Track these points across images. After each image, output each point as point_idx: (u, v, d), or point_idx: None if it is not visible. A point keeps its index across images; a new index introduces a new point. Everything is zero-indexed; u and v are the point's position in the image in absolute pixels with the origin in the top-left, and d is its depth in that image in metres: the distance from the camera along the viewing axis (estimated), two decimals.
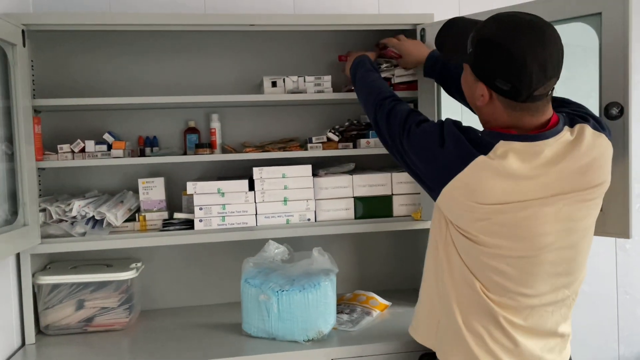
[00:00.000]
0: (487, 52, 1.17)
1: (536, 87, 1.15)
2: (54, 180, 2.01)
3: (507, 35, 1.14)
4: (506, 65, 1.14)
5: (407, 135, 1.30)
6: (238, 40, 2.10)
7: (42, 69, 1.96)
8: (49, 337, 1.83)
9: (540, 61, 1.13)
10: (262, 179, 1.91)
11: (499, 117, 1.22)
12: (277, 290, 1.68)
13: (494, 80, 1.17)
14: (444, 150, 1.21)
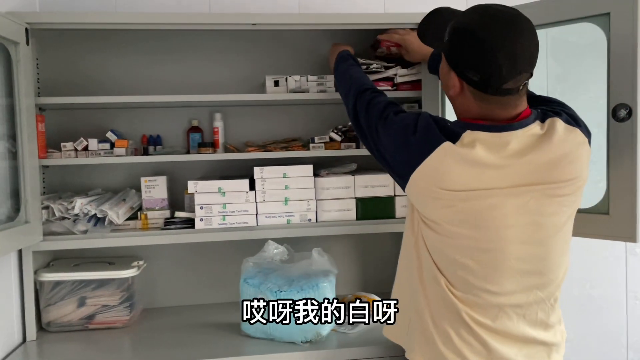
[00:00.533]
0: (460, 42, 1.18)
1: (505, 80, 1.14)
2: (58, 178, 2.03)
3: (480, 26, 1.15)
4: (477, 55, 1.15)
5: (383, 122, 1.31)
6: (242, 40, 2.10)
7: (48, 68, 1.98)
8: (50, 333, 1.84)
9: (511, 54, 1.12)
10: (262, 179, 1.91)
11: (470, 108, 1.23)
12: (276, 291, 1.68)
13: (465, 71, 1.18)
14: (415, 136, 1.22)
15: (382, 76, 1.95)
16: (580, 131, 1.22)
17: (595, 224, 1.44)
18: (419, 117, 1.26)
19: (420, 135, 1.21)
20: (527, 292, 1.24)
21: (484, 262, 1.21)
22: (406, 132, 1.24)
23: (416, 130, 1.23)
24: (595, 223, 1.44)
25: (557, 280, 1.27)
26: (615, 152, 1.41)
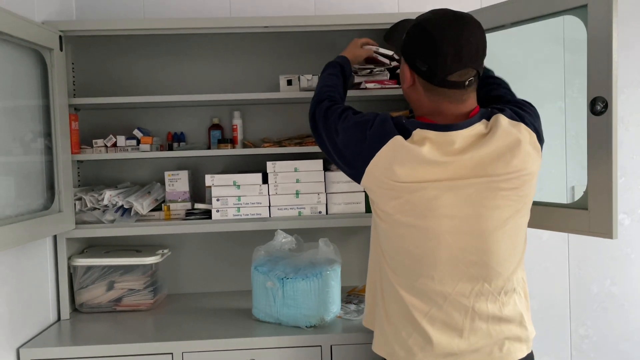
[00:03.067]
0: (414, 35, 1.28)
1: (451, 71, 1.22)
2: (92, 172, 2.21)
3: (432, 21, 1.24)
4: (425, 46, 1.24)
5: (343, 121, 1.37)
6: (259, 41, 2.21)
7: (83, 71, 2.16)
8: (82, 314, 2.02)
9: (456, 46, 1.21)
10: (275, 173, 2.01)
11: (422, 102, 1.31)
12: (282, 278, 1.78)
13: (415, 61, 1.27)
14: (371, 130, 1.28)
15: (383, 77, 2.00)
16: (524, 126, 1.25)
17: (576, 220, 1.43)
18: (377, 115, 1.32)
19: (376, 129, 1.28)
20: (473, 283, 1.26)
21: (428, 250, 1.26)
22: (364, 127, 1.30)
23: (372, 125, 1.29)
24: (576, 219, 1.43)
25: (507, 274, 1.28)
26: (593, 147, 1.40)
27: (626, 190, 2.29)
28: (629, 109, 2.28)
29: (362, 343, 1.71)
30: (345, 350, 1.72)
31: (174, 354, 1.70)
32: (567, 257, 2.30)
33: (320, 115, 1.46)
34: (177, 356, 1.70)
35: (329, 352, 1.72)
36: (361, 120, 1.33)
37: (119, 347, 1.72)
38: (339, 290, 1.85)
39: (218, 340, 1.72)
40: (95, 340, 1.76)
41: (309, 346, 1.72)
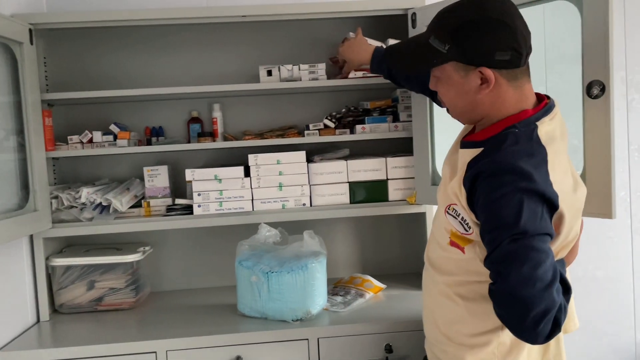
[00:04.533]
0: (474, 33, 1.11)
1: (530, 44, 1.14)
2: (68, 169, 2.15)
3: (483, 9, 1.11)
4: (499, 33, 1.10)
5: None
6: (238, 32, 2.17)
7: (56, 65, 2.10)
8: (62, 315, 1.97)
9: (520, 17, 1.13)
10: (257, 166, 1.98)
11: (506, 98, 1.16)
12: (267, 272, 1.75)
13: (494, 56, 1.11)
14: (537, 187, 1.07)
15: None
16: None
17: None
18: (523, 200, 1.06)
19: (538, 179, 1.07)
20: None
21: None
22: (538, 211, 1.07)
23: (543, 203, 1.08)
24: None
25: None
26: (590, 130, 1.40)
27: None
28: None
29: (349, 335, 1.69)
30: (333, 343, 1.70)
31: (158, 352, 1.67)
32: None
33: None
34: (161, 355, 1.67)
35: (316, 345, 1.70)
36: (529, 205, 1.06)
37: (101, 347, 1.68)
38: (325, 283, 1.83)
39: (203, 338, 1.69)
40: (76, 341, 1.71)
41: (296, 340, 1.69)
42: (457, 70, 1.16)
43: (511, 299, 1.04)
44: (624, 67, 2.27)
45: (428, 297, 1.36)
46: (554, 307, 1.03)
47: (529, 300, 1.02)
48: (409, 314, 1.75)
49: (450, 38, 1.13)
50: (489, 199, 1.07)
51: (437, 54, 1.15)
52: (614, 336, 2.36)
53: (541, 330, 1.03)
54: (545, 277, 1.03)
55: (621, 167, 2.31)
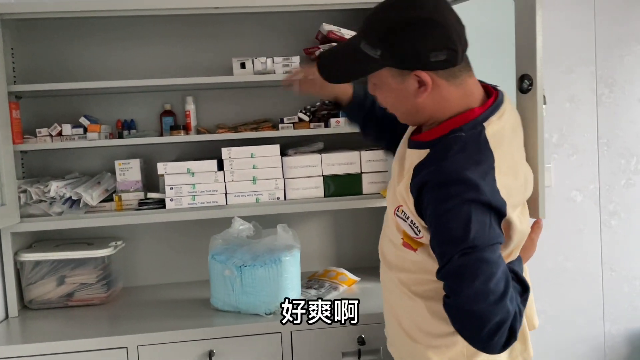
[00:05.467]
0: (405, 36, 1.04)
1: (465, 37, 1.09)
2: (37, 163, 2.11)
3: (412, 8, 1.04)
4: (431, 33, 1.04)
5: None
6: (211, 24, 2.15)
7: (24, 56, 2.05)
8: (32, 311, 1.94)
9: (452, 11, 1.08)
10: (230, 159, 1.96)
11: (448, 99, 1.11)
12: (240, 266, 1.74)
13: (428, 58, 1.05)
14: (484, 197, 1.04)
15: None
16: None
17: None
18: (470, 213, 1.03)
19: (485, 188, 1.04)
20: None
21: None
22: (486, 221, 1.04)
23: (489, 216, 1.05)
24: None
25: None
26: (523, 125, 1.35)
27: (578, 167, 2.35)
28: (580, 88, 2.32)
29: (321, 328, 1.69)
30: (306, 336, 1.70)
31: (129, 347, 1.65)
32: None
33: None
34: (132, 350, 1.65)
35: (289, 339, 1.70)
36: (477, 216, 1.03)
37: (71, 343, 1.65)
38: (299, 276, 1.83)
39: (175, 332, 1.68)
40: (46, 338, 1.69)
41: (269, 333, 1.69)
42: (393, 75, 1.10)
43: (465, 314, 1.03)
44: (593, 62, 2.31)
45: (388, 295, 1.31)
46: (509, 318, 1.02)
47: (482, 314, 1.01)
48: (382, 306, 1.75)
49: (380, 43, 1.06)
50: (437, 212, 1.04)
51: (370, 60, 1.08)
52: (584, 326, 2.41)
53: (497, 341, 1.02)
54: (497, 290, 1.01)
55: (591, 160, 2.35)
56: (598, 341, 2.42)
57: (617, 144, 2.36)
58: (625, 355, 2.43)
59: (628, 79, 2.33)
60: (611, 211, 2.38)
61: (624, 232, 2.39)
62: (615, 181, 2.37)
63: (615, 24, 2.30)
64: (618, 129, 2.35)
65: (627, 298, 2.42)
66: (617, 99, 2.34)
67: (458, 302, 1.03)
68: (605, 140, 2.35)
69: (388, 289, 1.31)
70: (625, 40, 2.32)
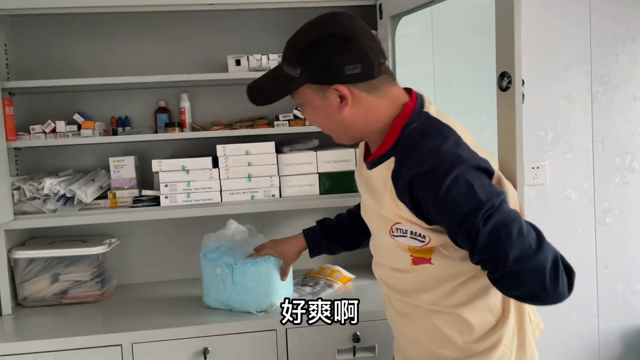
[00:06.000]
0: (320, 52, 1.10)
1: (381, 51, 1.13)
2: (31, 160, 2.10)
3: (323, 26, 1.12)
4: (345, 48, 1.09)
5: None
6: (206, 21, 2.14)
7: (17, 52, 2.04)
8: (26, 308, 1.93)
9: (365, 29, 1.13)
10: (225, 156, 1.96)
11: (377, 110, 1.14)
12: (231, 264, 1.74)
13: (344, 72, 1.09)
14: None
15: None
16: None
17: None
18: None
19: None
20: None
21: None
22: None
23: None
24: None
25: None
26: (501, 124, 1.37)
27: (573, 165, 2.35)
28: (575, 86, 2.32)
29: (316, 325, 1.68)
30: (301, 333, 1.70)
31: (123, 345, 1.64)
32: None
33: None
34: (127, 347, 1.64)
35: (284, 336, 1.70)
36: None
37: (65, 340, 1.64)
38: (291, 274, 1.82)
39: (169, 330, 1.67)
40: (40, 335, 1.68)
41: (264, 331, 1.69)
42: (315, 92, 1.13)
43: (521, 275, 1.00)
44: (588, 60, 2.31)
45: (409, 324, 1.25)
46: (557, 255, 1.03)
47: (536, 265, 0.99)
48: (377, 303, 1.76)
49: (299, 62, 1.12)
50: (439, 198, 1.03)
51: (291, 80, 1.13)
52: (578, 324, 2.41)
53: (562, 284, 1.01)
54: (531, 235, 1.01)
55: (585, 158, 2.36)
56: (592, 338, 2.43)
57: (611, 142, 2.36)
58: (619, 352, 2.44)
59: (623, 78, 2.34)
60: (606, 209, 2.39)
61: (618, 230, 2.40)
62: (609, 179, 2.38)
63: (610, 22, 2.31)
64: (613, 127, 2.36)
65: (622, 295, 2.42)
66: (612, 97, 2.34)
67: (509, 268, 1.00)
68: (600, 138, 2.35)
69: (409, 318, 1.25)
70: (621, 38, 2.32)
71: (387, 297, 1.31)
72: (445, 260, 1.13)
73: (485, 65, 1.60)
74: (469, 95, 2.12)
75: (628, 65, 2.34)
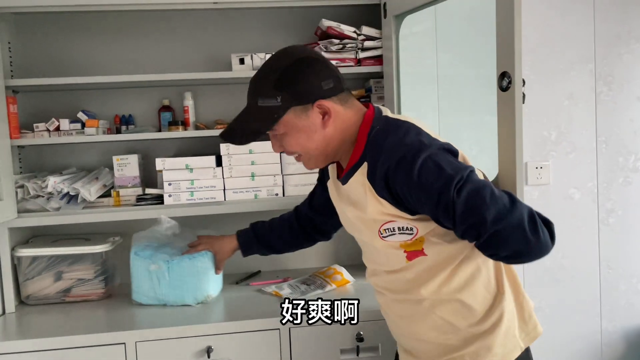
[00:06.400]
0: (296, 75, 1.17)
1: (336, 67, 1.25)
2: (35, 158, 2.10)
3: (287, 55, 1.20)
4: (315, 68, 1.19)
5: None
6: (210, 19, 2.14)
7: (21, 50, 2.04)
8: (29, 306, 1.93)
9: (320, 53, 1.30)
10: (229, 155, 1.96)
11: (349, 121, 1.22)
12: (168, 260, 1.79)
13: (322, 88, 1.18)
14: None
15: (344, 55, 1.96)
16: None
17: None
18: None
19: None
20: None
21: None
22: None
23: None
24: None
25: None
26: (501, 123, 1.37)
27: (576, 165, 2.35)
28: (578, 86, 2.32)
29: (320, 325, 1.69)
30: (304, 333, 1.69)
31: (127, 343, 1.64)
32: None
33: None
34: (130, 346, 1.64)
35: (287, 336, 1.69)
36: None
37: (68, 339, 1.64)
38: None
39: (173, 328, 1.67)
40: (43, 333, 1.68)
41: (267, 330, 1.69)
42: (297, 115, 1.18)
43: (504, 235, 1.06)
44: (592, 59, 2.31)
45: (415, 325, 1.30)
46: (531, 209, 1.09)
47: (514, 221, 1.05)
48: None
49: (277, 89, 1.17)
50: (413, 184, 1.10)
51: (273, 110, 1.17)
52: (580, 323, 2.41)
53: (543, 235, 1.07)
54: (503, 196, 1.08)
55: (589, 158, 2.35)
56: (595, 338, 2.42)
57: (615, 142, 2.36)
58: (621, 352, 2.44)
59: (627, 77, 2.33)
60: (609, 209, 2.38)
61: (621, 230, 2.40)
62: (613, 179, 2.37)
63: (614, 21, 2.30)
64: (616, 127, 2.35)
65: (624, 296, 2.42)
66: (616, 97, 2.34)
67: (491, 229, 1.06)
68: (604, 138, 2.35)
69: (412, 318, 1.29)
70: (625, 38, 2.32)
71: (386, 305, 1.36)
72: (436, 247, 1.19)
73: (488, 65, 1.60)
74: (472, 94, 2.11)
75: (632, 65, 2.33)
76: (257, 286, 2.00)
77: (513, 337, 1.26)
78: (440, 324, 1.25)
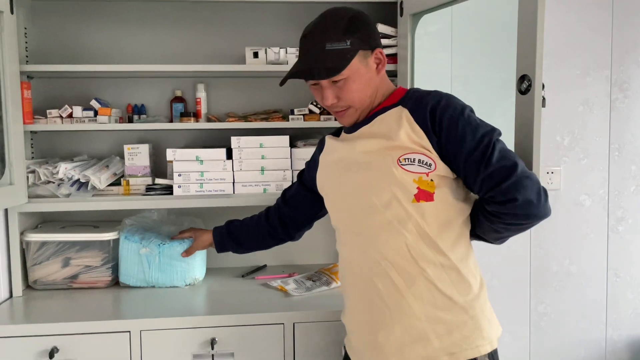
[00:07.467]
0: (360, 23, 1.29)
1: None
2: (47, 144, 2.11)
3: (346, 9, 1.32)
4: (368, 21, 1.31)
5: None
6: (226, 12, 2.14)
7: (37, 36, 2.05)
8: (36, 291, 1.94)
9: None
10: (240, 148, 1.96)
11: (386, 76, 1.37)
12: (159, 244, 1.90)
13: (379, 37, 1.33)
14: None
15: None
16: None
17: None
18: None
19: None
20: None
21: None
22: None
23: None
24: None
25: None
26: (519, 127, 1.36)
27: (588, 171, 2.33)
28: (594, 92, 2.30)
29: (324, 320, 1.70)
30: (308, 327, 1.70)
31: (132, 332, 1.65)
32: (529, 236, 2.34)
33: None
34: (135, 334, 1.65)
35: (291, 330, 1.70)
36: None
37: (74, 324, 1.65)
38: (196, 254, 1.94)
39: (178, 319, 1.67)
40: (49, 318, 1.69)
41: (271, 324, 1.69)
42: (361, 61, 1.27)
43: (526, 181, 1.17)
44: (608, 66, 2.29)
45: (412, 309, 1.25)
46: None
47: (534, 177, 1.19)
48: None
49: (346, 35, 1.25)
50: (463, 119, 1.21)
51: (347, 51, 1.24)
52: (585, 330, 2.40)
53: (548, 200, 1.21)
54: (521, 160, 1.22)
55: (601, 165, 2.33)
56: (599, 346, 2.41)
57: (628, 150, 2.34)
58: None
59: None
60: (619, 217, 2.37)
61: (631, 239, 2.38)
62: (624, 187, 2.36)
63: (632, 28, 2.28)
64: (630, 135, 2.33)
65: (631, 304, 2.41)
66: (631, 104, 2.32)
67: (519, 174, 1.17)
68: (617, 145, 2.33)
69: (409, 301, 1.25)
70: None
71: (395, 278, 1.26)
72: (444, 197, 1.24)
73: (504, 67, 1.59)
74: (486, 96, 2.10)
75: None
76: (262, 280, 2.01)
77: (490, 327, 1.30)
78: (438, 297, 1.23)
